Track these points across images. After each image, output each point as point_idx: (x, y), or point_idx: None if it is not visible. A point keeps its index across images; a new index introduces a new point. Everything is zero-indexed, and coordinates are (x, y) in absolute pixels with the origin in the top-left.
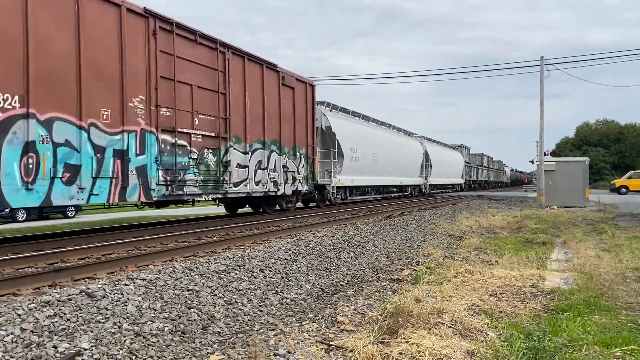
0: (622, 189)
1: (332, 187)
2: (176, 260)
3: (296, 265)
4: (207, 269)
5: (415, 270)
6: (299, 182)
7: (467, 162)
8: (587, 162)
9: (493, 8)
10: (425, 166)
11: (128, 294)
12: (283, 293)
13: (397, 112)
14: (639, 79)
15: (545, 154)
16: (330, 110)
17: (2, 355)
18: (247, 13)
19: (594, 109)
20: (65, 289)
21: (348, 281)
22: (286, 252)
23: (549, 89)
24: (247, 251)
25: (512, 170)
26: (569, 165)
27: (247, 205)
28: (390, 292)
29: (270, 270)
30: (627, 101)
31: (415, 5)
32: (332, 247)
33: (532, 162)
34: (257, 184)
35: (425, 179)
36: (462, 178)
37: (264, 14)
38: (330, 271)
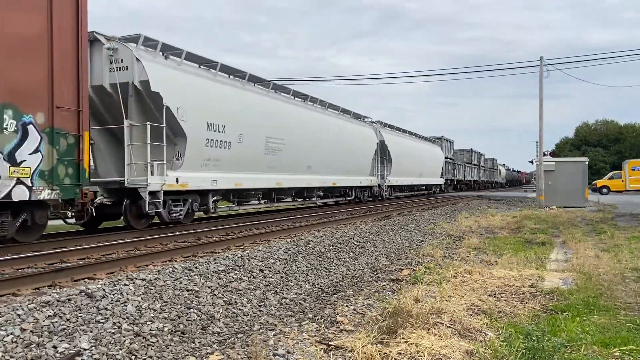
0: (604, 189)
1: (155, 192)
2: (176, 261)
3: (296, 265)
4: (207, 269)
5: (414, 270)
6: (18, 184)
7: (450, 159)
8: (587, 163)
9: (493, 8)
10: (382, 161)
11: (128, 294)
12: (282, 293)
13: (398, 111)
14: (639, 79)
15: (544, 154)
16: (165, 57)
17: (2, 356)
18: (248, 13)
19: (593, 109)
20: (64, 289)
21: (347, 281)
22: (286, 253)
23: (549, 90)
24: (246, 251)
25: (508, 169)
26: (569, 165)
27: None
28: (389, 292)
29: (269, 271)
30: (626, 101)
31: (415, 5)
32: (331, 247)
33: (531, 162)
34: None
35: (382, 178)
36: (441, 177)
37: (265, 14)
38: (329, 271)
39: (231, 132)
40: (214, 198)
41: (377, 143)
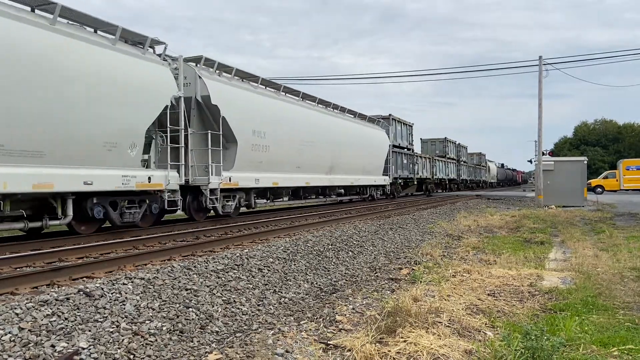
0: (598, 189)
1: None
2: (174, 260)
3: (295, 264)
4: (206, 269)
5: (413, 269)
6: None
7: (406, 149)
8: (586, 162)
9: (493, 8)
10: (202, 139)
11: (126, 293)
12: (281, 292)
13: (398, 111)
14: (638, 79)
15: (543, 154)
16: None
17: (1, 355)
18: (249, 13)
19: (592, 108)
20: (63, 288)
21: (346, 280)
22: (285, 252)
23: (548, 89)
24: (245, 250)
25: (500, 167)
26: (568, 164)
27: None
28: (388, 292)
29: (268, 270)
30: (625, 101)
31: (415, 5)
32: (330, 247)
33: (530, 161)
34: None
35: (209, 173)
36: (384, 175)
37: (266, 14)
38: (328, 270)
39: None
40: None
41: (180, 99)
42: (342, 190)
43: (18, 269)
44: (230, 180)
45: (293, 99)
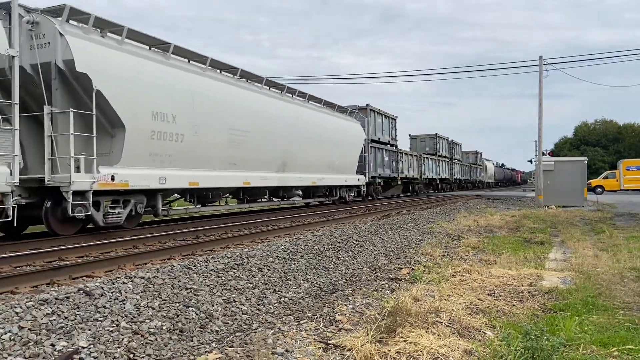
0: (598, 189)
1: None
2: (174, 259)
3: (295, 264)
4: (206, 268)
5: (413, 269)
6: None
7: (388, 144)
8: (586, 162)
9: (493, 8)
10: (67, 125)
11: (126, 292)
12: (281, 292)
13: (398, 111)
14: (638, 79)
15: (543, 154)
16: None
17: (1, 353)
18: (249, 13)
19: (592, 108)
20: (63, 287)
21: (346, 280)
22: (285, 251)
23: (548, 89)
24: (245, 250)
25: (500, 166)
26: (568, 165)
27: None
28: (388, 291)
29: (268, 269)
30: (625, 101)
31: (416, 5)
32: (330, 246)
33: (530, 161)
34: None
35: (80, 169)
36: (359, 173)
37: (266, 14)
38: (328, 270)
39: None
40: None
41: (14, 60)
42: (301, 192)
43: (18, 268)
44: (113, 179)
45: (226, 76)
